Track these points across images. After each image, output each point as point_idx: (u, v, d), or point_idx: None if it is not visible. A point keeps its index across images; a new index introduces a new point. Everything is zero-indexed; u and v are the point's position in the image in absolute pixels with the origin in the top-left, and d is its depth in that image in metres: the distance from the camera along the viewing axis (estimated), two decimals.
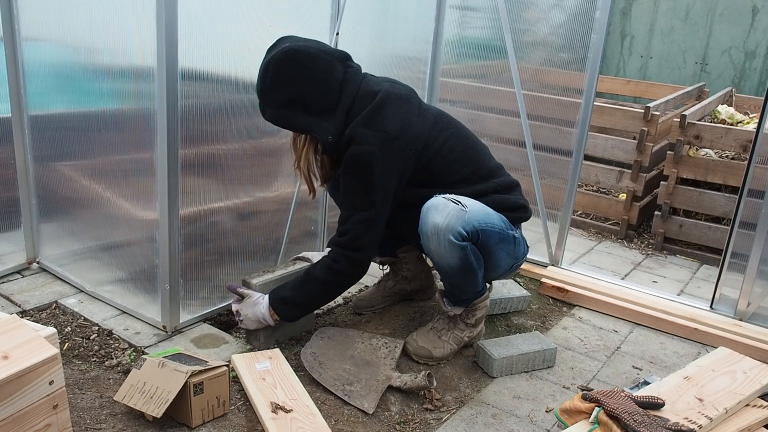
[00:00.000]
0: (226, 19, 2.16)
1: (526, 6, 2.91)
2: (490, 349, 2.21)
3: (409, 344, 2.25)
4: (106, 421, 1.79)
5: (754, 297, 2.61)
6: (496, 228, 2.09)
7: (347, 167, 2.05)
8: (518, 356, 2.21)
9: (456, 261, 2.04)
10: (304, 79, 1.98)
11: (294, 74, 1.97)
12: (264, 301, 2.12)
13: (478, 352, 2.25)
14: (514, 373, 2.22)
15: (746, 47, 5.17)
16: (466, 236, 2.00)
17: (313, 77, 1.99)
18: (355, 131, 2.02)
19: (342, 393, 1.98)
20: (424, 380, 1.98)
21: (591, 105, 2.81)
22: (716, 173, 3.45)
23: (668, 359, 2.43)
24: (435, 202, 2.04)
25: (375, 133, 2.02)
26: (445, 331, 2.25)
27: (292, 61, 1.96)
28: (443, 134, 2.15)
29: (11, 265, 2.62)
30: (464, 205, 2.02)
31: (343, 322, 2.41)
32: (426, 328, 2.29)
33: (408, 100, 2.13)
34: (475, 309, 2.26)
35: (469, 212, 2.01)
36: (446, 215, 1.99)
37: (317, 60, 1.99)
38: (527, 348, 2.25)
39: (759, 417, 1.81)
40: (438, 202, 2.03)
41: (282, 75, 1.97)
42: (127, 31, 2.08)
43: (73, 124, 2.39)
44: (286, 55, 1.96)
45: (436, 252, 2.05)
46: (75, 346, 2.14)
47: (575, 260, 3.35)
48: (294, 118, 2.02)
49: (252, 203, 2.45)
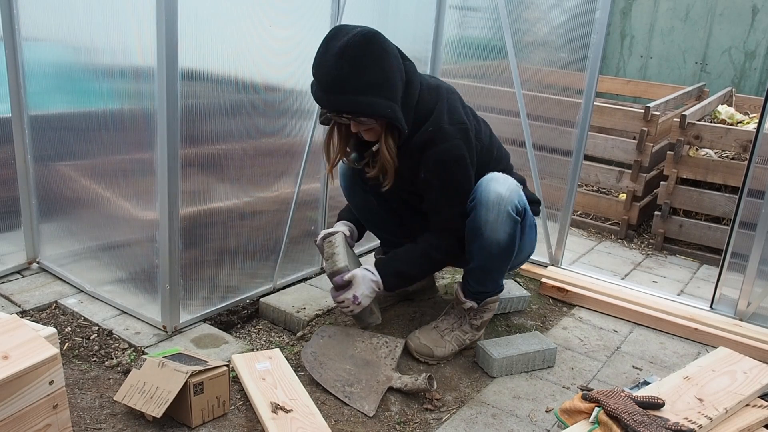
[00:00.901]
0: (226, 19, 2.16)
1: (526, 6, 2.91)
2: (490, 349, 2.21)
3: (411, 341, 2.25)
4: (106, 421, 1.79)
5: (754, 297, 2.61)
6: (530, 213, 2.16)
7: (442, 167, 2.04)
8: (518, 356, 2.21)
9: (505, 237, 2.06)
10: (385, 63, 1.89)
11: (376, 56, 1.87)
12: (370, 274, 2.13)
13: (478, 352, 2.25)
14: (514, 373, 2.22)
15: (746, 47, 5.17)
16: (520, 211, 2.06)
17: (391, 61, 1.91)
18: (439, 127, 2.01)
19: (342, 395, 1.98)
20: (425, 382, 1.98)
21: (591, 105, 2.81)
22: (716, 173, 3.45)
23: (668, 359, 2.43)
24: (494, 175, 2.08)
25: (455, 126, 2.03)
26: (448, 331, 2.26)
27: (372, 43, 1.87)
28: (487, 130, 2.25)
29: (11, 265, 2.62)
30: (518, 182, 2.09)
31: (343, 321, 2.41)
32: (429, 326, 2.30)
33: (460, 97, 2.16)
34: (485, 309, 2.27)
35: (521, 189, 2.09)
36: (508, 187, 2.04)
37: (390, 44, 1.94)
38: (527, 348, 2.25)
39: (759, 417, 1.81)
40: (497, 175, 2.07)
41: (363, 57, 1.86)
42: (127, 31, 2.08)
43: (73, 124, 2.39)
44: (365, 37, 1.86)
45: (492, 224, 2.04)
46: (75, 346, 2.14)
47: (575, 260, 3.35)
48: (380, 105, 1.90)
49: (252, 203, 2.45)
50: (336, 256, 2.16)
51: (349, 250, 2.26)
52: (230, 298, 2.49)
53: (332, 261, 2.16)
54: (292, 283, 2.73)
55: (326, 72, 1.89)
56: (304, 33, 2.44)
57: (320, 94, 1.93)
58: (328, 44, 1.90)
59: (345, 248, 2.21)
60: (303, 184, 2.61)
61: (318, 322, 2.42)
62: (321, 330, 2.25)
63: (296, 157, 2.57)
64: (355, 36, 1.85)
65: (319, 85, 1.93)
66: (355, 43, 1.85)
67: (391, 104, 1.92)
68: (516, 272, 3.02)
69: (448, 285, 2.81)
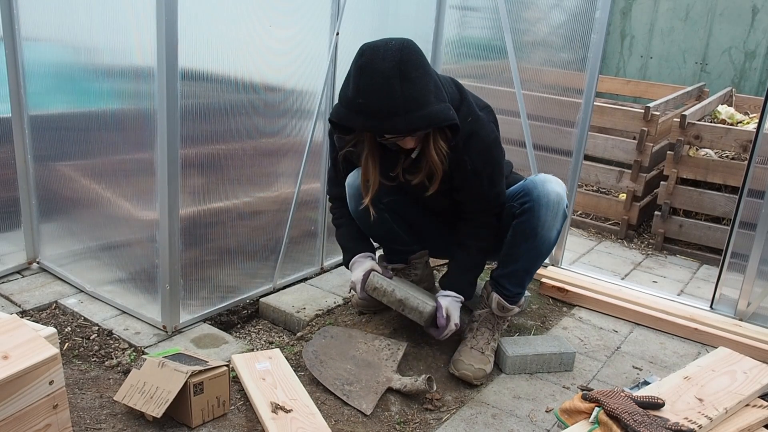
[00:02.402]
0: (226, 19, 2.16)
1: (526, 6, 2.91)
2: (506, 347, 2.24)
3: (465, 370, 2.12)
4: (106, 421, 1.79)
5: (754, 297, 2.61)
6: None
7: (487, 153, 2.05)
8: (533, 356, 2.22)
9: (555, 235, 2.10)
10: (428, 66, 1.85)
11: (420, 63, 1.81)
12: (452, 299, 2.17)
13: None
14: (530, 373, 2.24)
15: (746, 47, 5.17)
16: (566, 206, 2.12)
17: (428, 63, 1.88)
18: (475, 117, 2.01)
19: (341, 393, 1.98)
20: (424, 384, 1.98)
21: (591, 105, 2.81)
22: (716, 173, 3.45)
23: (668, 359, 2.43)
24: (544, 176, 2.11)
25: (484, 111, 2.08)
26: (485, 345, 2.22)
27: (412, 52, 1.81)
28: None
29: (11, 265, 2.62)
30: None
31: (343, 322, 2.41)
32: (466, 348, 2.20)
33: None
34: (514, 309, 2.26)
35: None
36: (561, 186, 2.08)
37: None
38: (544, 349, 2.26)
39: (759, 417, 1.81)
40: (547, 176, 2.11)
41: (414, 69, 1.79)
42: (127, 31, 2.08)
43: (73, 124, 2.39)
44: (409, 49, 1.80)
45: (549, 223, 2.07)
46: (75, 346, 2.14)
47: (575, 260, 3.35)
48: (441, 110, 1.83)
49: (252, 203, 2.45)
50: (411, 301, 2.11)
51: (399, 281, 2.22)
52: (230, 298, 2.49)
53: (414, 308, 2.10)
54: (292, 283, 2.73)
55: (383, 96, 1.77)
56: (305, 33, 2.44)
57: (378, 121, 1.80)
58: (369, 68, 1.78)
59: (402, 284, 2.18)
60: (303, 184, 2.61)
61: (318, 322, 2.42)
62: (324, 330, 2.25)
63: (296, 157, 2.57)
64: (396, 52, 1.77)
65: (373, 113, 1.80)
66: (405, 59, 1.77)
67: (448, 105, 1.87)
68: None
69: None
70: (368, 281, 2.16)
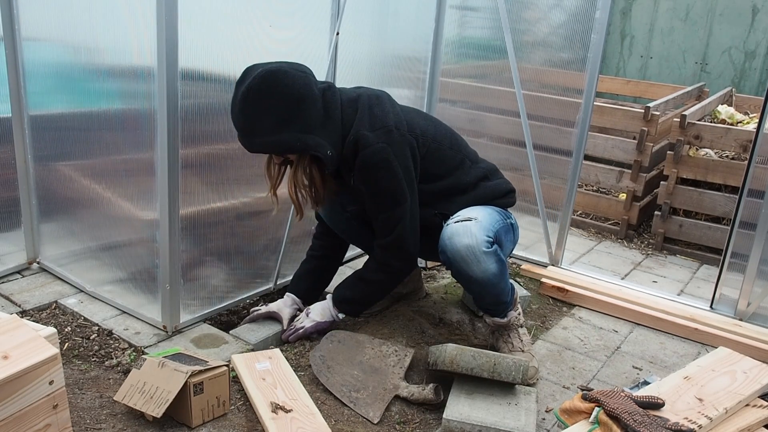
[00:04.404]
0: (226, 20, 2.16)
1: (526, 6, 2.91)
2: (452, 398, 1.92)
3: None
4: (106, 421, 1.79)
5: (754, 297, 2.61)
6: (500, 223, 2.15)
7: (366, 173, 2.06)
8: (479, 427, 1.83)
9: (495, 266, 2.05)
10: (288, 98, 1.92)
11: (276, 94, 1.91)
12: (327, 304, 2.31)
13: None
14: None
15: (746, 47, 5.17)
16: (492, 240, 2.05)
17: (295, 93, 1.93)
18: (358, 135, 2.03)
19: (348, 400, 1.98)
20: (431, 393, 1.98)
21: (591, 105, 2.82)
22: (716, 173, 3.45)
23: (668, 359, 2.43)
24: (451, 230, 2.06)
25: (377, 131, 2.04)
26: (518, 341, 2.25)
27: (271, 83, 1.91)
28: (430, 123, 2.24)
29: (11, 265, 2.62)
30: (474, 218, 2.07)
31: (342, 322, 2.41)
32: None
33: (387, 98, 2.18)
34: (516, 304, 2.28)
35: (481, 220, 2.07)
36: (470, 234, 2.02)
37: (293, 76, 1.95)
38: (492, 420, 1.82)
39: (759, 417, 1.81)
40: (455, 229, 2.06)
41: (265, 99, 1.91)
42: (127, 31, 2.08)
43: (73, 124, 2.39)
44: (263, 78, 1.90)
45: (479, 270, 2.03)
46: (75, 346, 2.14)
47: (575, 260, 3.35)
48: (289, 141, 1.96)
49: (252, 203, 2.45)
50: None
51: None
52: (230, 298, 2.49)
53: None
54: None
55: (235, 117, 1.98)
56: (305, 34, 2.44)
57: (239, 136, 2.00)
58: (237, 89, 1.96)
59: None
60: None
61: None
62: (330, 334, 2.24)
63: None
64: (254, 80, 1.90)
65: (235, 128, 2.01)
66: (254, 86, 1.90)
67: (300, 136, 1.96)
68: (516, 272, 3.02)
69: (447, 285, 2.82)
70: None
